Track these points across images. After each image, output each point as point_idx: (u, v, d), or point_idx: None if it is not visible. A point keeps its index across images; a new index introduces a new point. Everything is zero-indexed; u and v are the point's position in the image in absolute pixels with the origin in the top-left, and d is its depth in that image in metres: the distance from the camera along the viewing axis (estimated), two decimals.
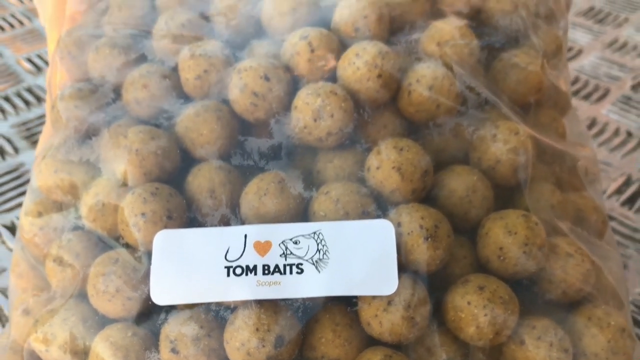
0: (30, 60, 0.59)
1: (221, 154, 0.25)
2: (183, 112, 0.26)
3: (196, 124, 0.25)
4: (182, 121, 0.25)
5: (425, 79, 0.25)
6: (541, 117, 0.29)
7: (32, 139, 0.49)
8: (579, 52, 0.62)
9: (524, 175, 0.25)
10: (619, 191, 0.46)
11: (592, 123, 0.53)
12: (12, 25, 0.65)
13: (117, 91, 0.27)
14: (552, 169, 0.28)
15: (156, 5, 0.29)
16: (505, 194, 0.26)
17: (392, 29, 0.27)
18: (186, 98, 0.26)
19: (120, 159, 0.24)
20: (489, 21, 0.29)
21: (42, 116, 0.51)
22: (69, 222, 0.25)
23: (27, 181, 0.45)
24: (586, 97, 0.56)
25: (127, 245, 0.24)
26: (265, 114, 0.25)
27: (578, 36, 0.65)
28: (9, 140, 0.48)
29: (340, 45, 0.26)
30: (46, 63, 0.58)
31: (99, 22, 0.30)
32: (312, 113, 0.24)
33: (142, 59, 0.28)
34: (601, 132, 0.52)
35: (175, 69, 0.27)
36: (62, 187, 0.26)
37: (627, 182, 0.47)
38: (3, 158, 0.47)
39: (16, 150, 0.47)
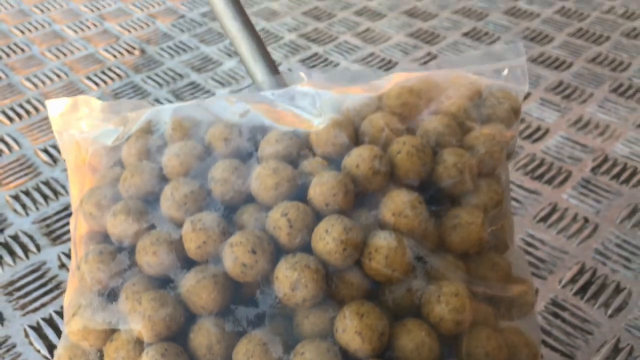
0: (46, 152, 0.65)
1: (217, 313, 0.31)
2: (187, 276, 0.32)
3: (197, 289, 0.31)
4: (185, 286, 0.31)
5: (382, 249, 0.31)
6: (482, 264, 0.34)
7: (51, 235, 0.55)
8: (546, 131, 0.68)
9: (463, 328, 0.31)
10: (573, 280, 0.52)
11: (554, 209, 0.58)
12: (28, 112, 0.71)
13: (132, 257, 0.33)
14: (491, 309, 0.34)
15: (164, 174, 0.35)
16: (450, 339, 0.32)
17: (357, 200, 0.33)
18: (190, 262, 0.33)
19: (135, 321, 0.30)
20: (436, 185, 0.35)
21: (60, 211, 0.57)
22: None
23: (50, 280, 0.51)
24: (549, 182, 0.62)
25: None
26: (253, 279, 0.31)
27: (546, 115, 0.71)
28: (31, 238, 0.54)
29: (315, 216, 0.32)
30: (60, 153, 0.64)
31: (115, 183, 0.36)
32: (290, 284, 0.30)
33: (152, 227, 0.34)
34: (561, 218, 0.58)
35: (180, 239, 0.33)
36: (88, 340, 0.32)
37: (581, 271, 0.52)
38: (27, 256, 0.53)
39: (38, 247, 0.54)
